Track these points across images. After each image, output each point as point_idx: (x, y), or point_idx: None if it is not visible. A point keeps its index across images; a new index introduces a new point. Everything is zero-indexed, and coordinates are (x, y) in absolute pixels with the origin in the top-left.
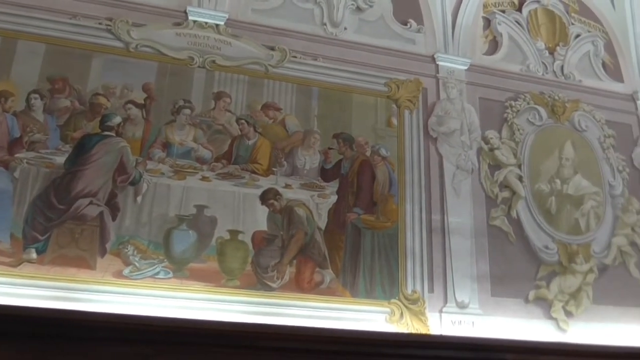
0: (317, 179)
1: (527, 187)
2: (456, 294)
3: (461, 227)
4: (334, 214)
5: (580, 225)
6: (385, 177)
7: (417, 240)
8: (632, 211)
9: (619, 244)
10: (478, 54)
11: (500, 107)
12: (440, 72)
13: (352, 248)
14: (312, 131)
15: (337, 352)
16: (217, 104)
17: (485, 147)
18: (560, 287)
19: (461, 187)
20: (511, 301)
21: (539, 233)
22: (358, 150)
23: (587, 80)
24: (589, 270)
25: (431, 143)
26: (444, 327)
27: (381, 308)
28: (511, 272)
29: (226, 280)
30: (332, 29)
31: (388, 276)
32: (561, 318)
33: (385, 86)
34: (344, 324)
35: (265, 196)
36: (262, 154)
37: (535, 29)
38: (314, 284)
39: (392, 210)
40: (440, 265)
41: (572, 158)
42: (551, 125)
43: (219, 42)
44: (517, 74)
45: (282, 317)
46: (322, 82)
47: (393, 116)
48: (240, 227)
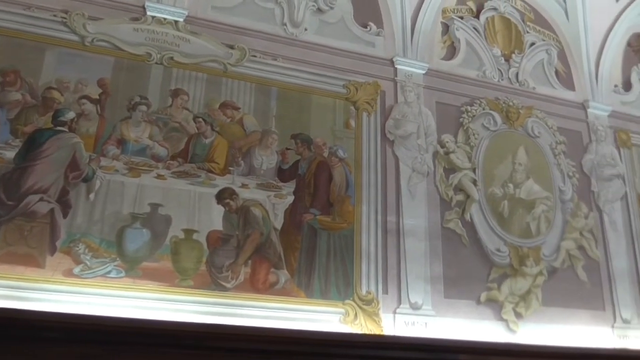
0: (274, 179)
1: (481, 190)
2: (410, 295)
3: (416, 229)
4: (290, 215)
5: (531, 228)
6: (342, 178)
7: (372, 241)
8: (581, 216)
9: (568, 248)
10: (436, 59)
11: (456, 111)
12: (399, 76)
13: (308, 249)
14: (270, 131)
15: (291, 353)
16: (174, 102)
17: (441, 151)
18: (511, 289)
19: (417, 189)
20: (463, 302)
21: (491, 236)
22: (316, 151)
23: (541, 88)
24: (538, 273)
25: (388, 146)
26: (397, 328)
27: (336, 309)
28: (464, 274)
29: (180, 280)
30: (292, 29)
31: (343, 277)
32: (511, 319)
33: (344, 88)
34: (299, 324)
35: (221, 195)
36: (219, 153)
37: (492, 36)
38: (268, 284)
39: (348, 211)
40: (394, 267)
41: (524, 163)
42: (505, 130)
43: (177, 39)
44: (474, 80)
45: (237, 317)
46: (281, 82)
47: (351, 118)
48: (195, 227)
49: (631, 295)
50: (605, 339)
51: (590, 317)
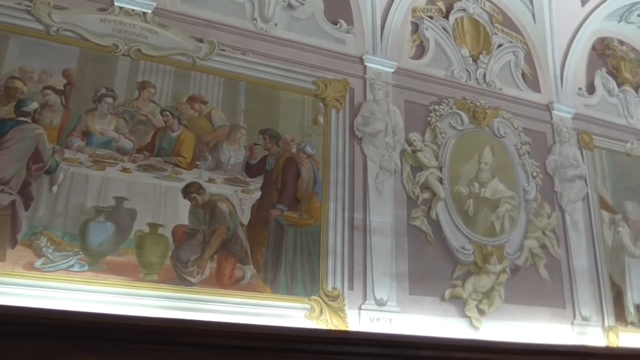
0: (242, 174)
1: (447, 189)
2: (375, 292)
3: (382, 226)
4: (257, 210)
5: (495, 227)
6: (309, 174)
7: (339, 238)
8: (544, 215)
9: (531, 247)
10: (405, 58)
11: (424, 110)
12: (368, 74)
13: (275, 244)
14: (238, 126)
15: (256, 348)
16: (141, 94)
17: (409, 149)
18: (475, 287)
19: (384, 187)
20: (428, 299)
21: (456, 234)
22: (284, 147)
23: (507, 89)
24: (501, 271)
25: (356, 143)
26: (362, 324)
27: (301, 304)
28: (429, 271)
29: (144, 274)
30: (262, 24)
31: (309, 273)
32: (474, 316)
33: (313, 84)
34: (264, 320)
35: (188, 190)
36: (186, 147)
37: (461, 36)
38: (234, 279)
39: (316, 207)
40: (360, 263)
41: (490, 163)
42: (472, 130)
43: (145, 31)
44: (442, 79)
45: (202, 312)
46: (250, 77)
47: (320, 114)
48: (161, 221)
49: (590, 293)
50: (565, 335)
51: (551, 314)
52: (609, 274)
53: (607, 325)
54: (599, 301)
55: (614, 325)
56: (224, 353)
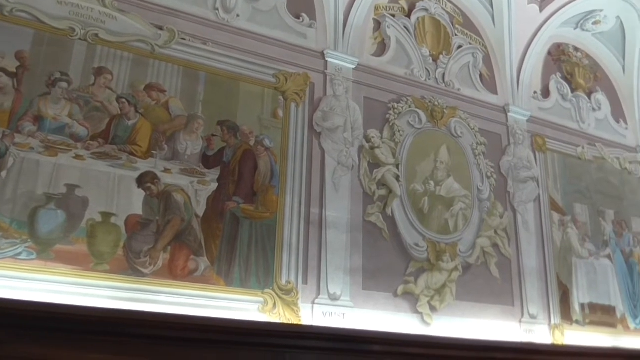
0: (198, 165)
1: (403, 186)
2: (329, 286)
3: (338, 221)
4: (213, 202)
5: (449, 225)
6: (267, 167)
7: (294, 232)
8: (496, 215)
9: (483, 245)
10: (366, 55)
11: (383, 107)
12: (329, 69)
13: (229, 237)
14: (196, 116)
15: (208, 341)
16: (97, 80)
17: (367, 146)
18: (427, 283)
19: (341, 182)
20: (381, 295)
21: (411, 231)
22: (242, 139)
23: (465, 90)
24: (454, 269)
25: (315, 137)
26: (315, 318)
27: (255, 298)
28: (383, 267)
29: (95, 264)
30: (224, 14)
31: (264, 266)
32: (426, 312)
33: (273, 77)
34: (217, 312)
35: (143, 179)
36: (142, 135)
37: (422, 36)
38: (187, 271)
39: (272, 201)
40: (315, 258)
41: (446, 162)
42: (429, 129)
43: (103, 16)
44: (402, 78)
45: (153, 304)
46: (210, 67)
47: (279, 108)
48: (114, 210)
49: (538, 292)
50: (513, 333)
51: (500, 312)
52: (557, 273)
53: (554, 323)
54: (546, 300)
55: (560, 323)
56: (175, 345)
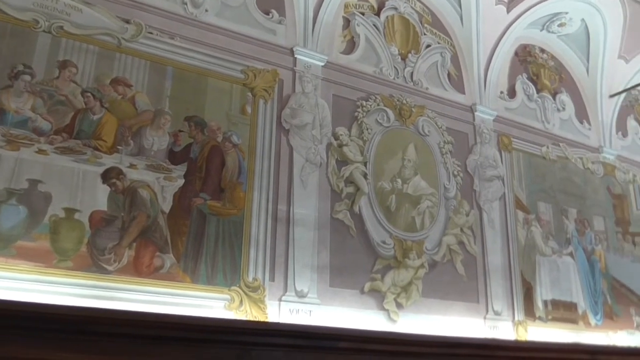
0: (165, 161)
1: (371, 184)
2: (296, 283)
3: (306, 218)
4: (180, 198)
5: (416, 223)
6: (235, 164)
7: (261, 228)
8: (462, 213)
9: (449, 243)
10: (335, 52)
11: (351, 105)
12: (298, 66)
13: (196, 233)
14: (163, 111)
15: (174, 338)
16: (61, 73)
17: (335, 143)
18: (394, 281)
19: (309, 179)
20: (348, 292)
21: (378, 228)
22: (209, 135)
23: (433, 89)
24: (420, 266)
25: (283, 134)
26: (282, 315)
27: (221, 295)
28: (350, 264)
29: (58, 260)
30: (192, 9)
31: (230, 263)
32: (392, 309)
33: (242, 73)
34: (183, 309)
35: (108, 175)
36: (108, 130)
37: (391, 34)
38: (153, 268)
39: (240, 197)
40: (282, 255)
41: (413, 160)
42: (397, 127)
43: (68, 8)
44: (370, 76)
45: (118, 301)
46: (178, 62)
47: (247, 104)
48: (78, 206)
49: (503, 288)
50: (478, 329)
51: (465, 308)
52: (521, 271)
53: (517, 319)
54: (510, 297)
55: (524, 319)
56: (140, 343)
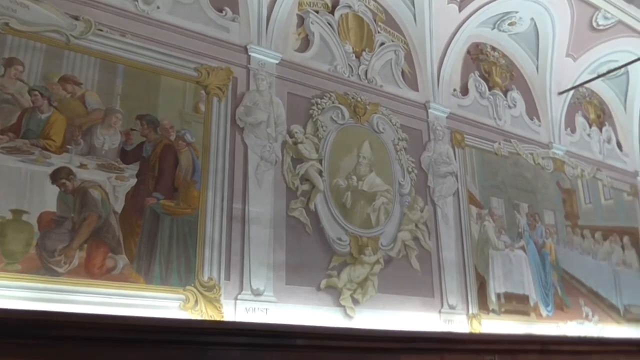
0: (116, 160)
1: (326, 181)
2: (252, 282)
3: (261, 216)
4: (132, 198)
5: (371, 219)
6: (188, 163)
7: (216, 228)
8: (417, 209)
9: (404, 238)
10: (290, 50)
11: (306, 103)
12: (252, 64)
13: (149, 233)
14: (114, 110)
15: (129, 340)
16: (7, 71)
17: (290, 141)
18: (350, 277)
19: (264, 177)
20: (304, 289)
21: (334, 225)
22: (162, 133)
23: (387, 86)
24: (376, 262)
25: (237, 132)
26: (238, 314)
27: (176, 295)
28: (306, 262)
29: (6, 264)
30: (143, 6)
31: (185, 263)
32: (349, 305)
33: (195, 71)
34: (137, 311)
35: (57, 175)
36: (56, 129)
37: (345, 32)
38: (105, 269)
39: (194, 196)
40: (238, 253)
41: (368, 157)
42: (352, 125)
43: (14, 4)
44: (325, 74)
45: (70, 304)
46: (129, 60)
47: (201, 102)
48: (26, 207)
49: (457, 283)
50: (433, 323)
51: (421, 303)
52: (475, 265)
53: (471, 312)
54: (464, 290)
55: (477, 312)
56: (94, 346)
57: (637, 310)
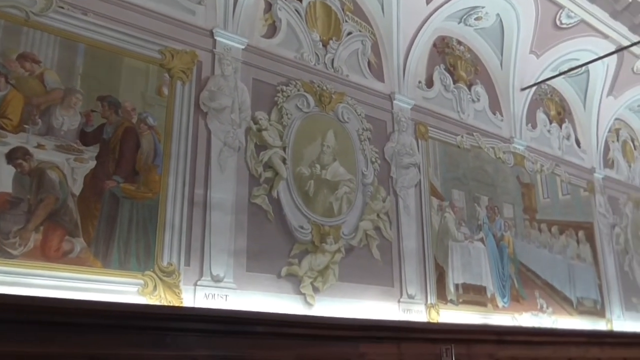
0: (75, 141)
1: (290, 169)
2: (212, 268)
3: (223, 202)
4: (91, 180)
5: (333, 208)
6: (150, 146)
7: (177, 213)
8: (379, 199)
9: (365, 228)
10: (256, 36)
11: (272, 90)
12: (217, 48)
13: (108, 217)
14: (74, 90)
15: (85, 325)
16: None
17: (254, 127)
18: (311, 265)
19: (227, 163)
20: (265, 276)
21: (296, 213)
22: (124, 115)
23: (353, 76)
24: (337, 250)
25: (201, 117)
26: (197, 301)
27: (134, 280)
28: (267, 249)
29: None
30: None
31: (144, 248)
32: (309, 293)
33: (159, 53)
34: (94, 295)
35: (13, 155)
36: (13, 108)
37: (313, 20)
38: (62, 252)
39: (155, 181)
40: (198, 239)
41: (332, 146)
42: (317, 113)
43: None
44: (291, 61)
45: (24, 287)
46: (91, 39)
47: (164, 85)
48: None
49: (416, 273)
50: (392, 312)
51: (381, 292)
52: (434, 255)
53: (430, 302)
54: (423, 280)
55: (436, 302)
56: (48, 330)
57: (589, 303)
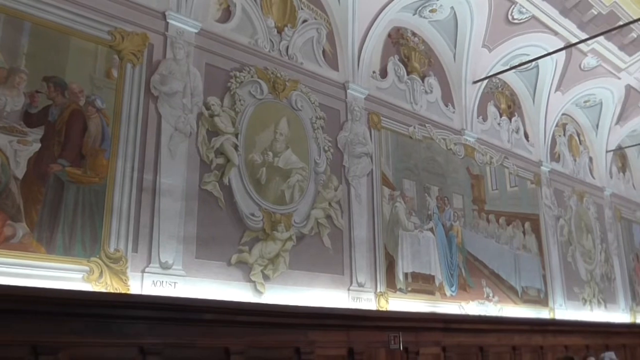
0: (19, 123)
1: (242, 156)
2: (160, 255)
3: (173, 188)
4: (35, 164)
5: (285, 196)
6: (97, 130)
7: (125, 198)
8: (331, 187)
9: (317, 216)
10: (210, 20)
11: (225, 75)
12: (170, 31)
13: (53, 202)
14: (18, 70)
15: (28, 312)
16: None
17: (206, 113)
18: (261, 253)
19: (177, 149)
20: (214, 264)
21: (247, 201)
22: (71, 97)
23: (308, 64)
24: (288, 238)
25: (151, 101)
26: (145, 288)
27: (79, 266)
28: (217, 236)
29: None
30: None
31: (90, 233)
32: (259, 281)
33: (108, 34)
34: (37, 281)
35: None
36: None
37: (268, 6)
38: (3, 237)
39: (102, 165)
40: (147, 225)
41: (285, 134)
42: (271, 100)
43: None
44: (245, 47)
45: None
46: (37, 17)
47: (114, 67)
48: None
49: (367, 261)
50: (342, 300)
51: (331, 280)
52: (385, 244)
53: (379, 291)
54: (373, 269)
55: (385, 291)
56: None
57: (533, 292)
